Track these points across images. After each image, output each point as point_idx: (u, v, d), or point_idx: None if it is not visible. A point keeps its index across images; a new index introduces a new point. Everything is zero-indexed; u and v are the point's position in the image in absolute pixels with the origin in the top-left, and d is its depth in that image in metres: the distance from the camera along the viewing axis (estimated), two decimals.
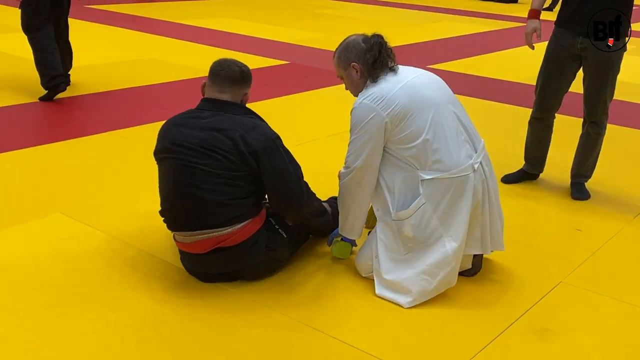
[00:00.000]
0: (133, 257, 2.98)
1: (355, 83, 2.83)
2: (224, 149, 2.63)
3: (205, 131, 2.67)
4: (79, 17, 9.68)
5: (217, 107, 2.75)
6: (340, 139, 2.81)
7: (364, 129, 2.68)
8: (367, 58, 2.74)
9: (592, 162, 3.89)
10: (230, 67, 2.80)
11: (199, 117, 2.74)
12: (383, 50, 2.76)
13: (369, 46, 2.76)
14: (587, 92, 3.72)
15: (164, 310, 2.61)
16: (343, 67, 2.83)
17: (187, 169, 2.66)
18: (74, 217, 3.35)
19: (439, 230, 2.69)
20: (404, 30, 10.21)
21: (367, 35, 2.82)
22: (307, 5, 12.77)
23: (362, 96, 2.73)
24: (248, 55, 7.44)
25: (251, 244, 2.72)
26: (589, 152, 3.85)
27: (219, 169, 2.63)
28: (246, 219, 2.71)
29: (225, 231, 2.68)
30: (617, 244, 3.35)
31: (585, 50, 3.60)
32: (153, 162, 2.85)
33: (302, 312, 2.62)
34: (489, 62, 7.86)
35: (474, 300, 2.77)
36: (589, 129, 3.81)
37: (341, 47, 2.83)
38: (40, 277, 2.80)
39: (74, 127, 4.83)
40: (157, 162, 2.84)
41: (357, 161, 2.72)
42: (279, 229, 2.83)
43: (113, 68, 6.74)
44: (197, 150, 2.65)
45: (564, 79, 3.75)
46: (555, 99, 3.82)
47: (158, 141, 2.82)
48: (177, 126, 2.76)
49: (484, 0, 14.80)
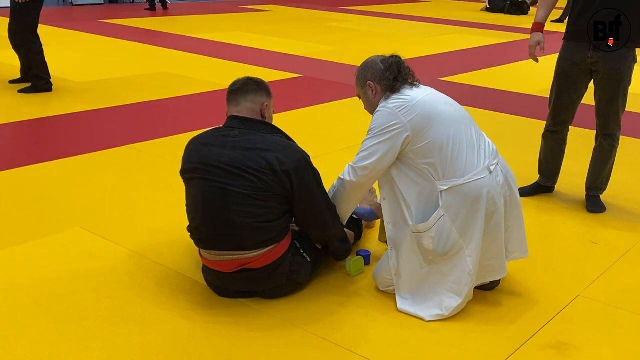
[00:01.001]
0: (154, 272, 3.00)
1: (371, 102, 2.87)
2: (257, 169, 2.61)
3: (237, 150, 2.65)
4: (91, 32, 9.80)
5: (246, 125, 2.73)
6: (353, 152, 2.82)
7: (383, 131, 2.69)
8: (387, 76, 2.78)
9: (606, 175, 3.89)
10: (241, 80, 2.83)
11: (228, 135, 2.72)
12: (402, 69, 2.81)
13: (387, 66, 2.81)
14: (599, 105, 3.73)
15: (190, 327, 2.61)
16: (360, 86, 2.89)
17: (218, 190, 2.63)
18: (93, 231, 3.38)
19: (460, 243, 2.70)
20: (416, 42, 10.25)
21: (385, 56, 2.87)
22: (320, 19, 12.84)
23: (385, 102, 2.76)
24: (261, 69, 7.50)
25: (276, 267, 2.71)
26: (603, 165, 3.85)
27: (250, 189, 2.61)
28: (274, 243, 2.70)
29: (253, 254, 2.67)
30: (635, 257, 3.34)
31: (596, 65, 3.61)
32: (169, 176, 2.87)
33: (325, 329, 2.63)
34: (500, 75, 7.87)
35: (492, 315, 2.78)
36: (603, 142, 3.82)
37: (360, 67, 2.90)
38: (61, 292, 2.82)
39: (89, 141, 4.88)
40: (184, 181, 2.81)
41: (367, 161, 2.72)
42: (304, 252, 2.81)
43: (127, 82, 6.80)
44: (228, 170, 2.62)
45: (576, 93, 3.76)
46: (568, 112, 3.84)
47: (185, 160, 2.79)
48: (207, 145, 2.73)
49: (495, 12, 14.83)
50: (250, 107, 2.78)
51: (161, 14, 12.85)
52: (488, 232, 2.72)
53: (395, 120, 2.68)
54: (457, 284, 2.72)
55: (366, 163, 2.72)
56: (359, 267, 3.04)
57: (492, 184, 2.71)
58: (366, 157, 2.72)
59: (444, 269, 2.73)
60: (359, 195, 2.89)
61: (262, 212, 2.64)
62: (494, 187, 2.72)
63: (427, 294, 2.74)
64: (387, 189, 2.81)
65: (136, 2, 14.39)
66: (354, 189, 2.82)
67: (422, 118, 2.68)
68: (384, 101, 2.78)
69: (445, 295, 2.72)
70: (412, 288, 2.77)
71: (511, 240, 2.86)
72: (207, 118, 5.43)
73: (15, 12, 5.84)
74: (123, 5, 14.14)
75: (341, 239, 2.92)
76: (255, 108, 2.79)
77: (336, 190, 2.86)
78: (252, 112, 2.78)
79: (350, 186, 2.80)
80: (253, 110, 2.78)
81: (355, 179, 2.76)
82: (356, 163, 2.75)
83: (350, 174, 2.77)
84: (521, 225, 2.90)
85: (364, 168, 2.73)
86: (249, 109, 2.78)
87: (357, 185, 2.79)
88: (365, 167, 2.73)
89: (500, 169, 2.80)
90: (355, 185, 2.79)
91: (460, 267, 2.71)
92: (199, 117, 5.59)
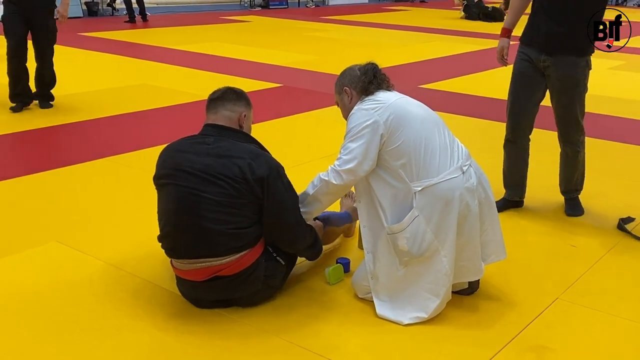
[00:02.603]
0: (131, 284, 2.97)
1: (347, 107, 2.90)
2: (230, 176, 2.60)
3: (211, 157, 2.65)
4: (70, 45, 9.75)
5: (221, 132, 2.74)
6: (333, 160, 2.82)
7: (361, 131, 2.70)
8: (363, 79, 2.84)
9: (579, 177, 3.87)
10: (221, 89, 2.84)
11: (203, 142, 2.72)
12: (377, 74, 2.87)
13: (363, 71, 2.88)
14: (557, 112, 3.71)
15: (164, 338, 2.59)
16: (338, 93, 2.94)
17: (191, 196, 2.62)
18: (70, 245, 3.34)
19: (435, 244, 2.70)
20: (395, 51, 10.30)
21: (362, 64, 2.93)
22: (300, 29, 12.88)
23: (359, 105, 2.79)
24: (241, 79, 7.49)
25: (249, 273, 2.69)
26: (573, 170, 3.82)
27: (223, 196, 2.60)
28: (245, 249, 2.68)
29: (223, 260, 2.65)
30: (613, 259, 3.36)
31: (548, 69, 3.59)
32: (147, 188, 2.85)
33: (301, 336, 2.61)
34: (480, 81, 7.93)
35: (470, 319, 2.77)
36: (566, 149, 3.79)
37: (339, 76, 2.96)
38: (38, 305, 2.79)
39: (67, 154, 4.85)
40: (157, 187, 2.80)
41: (351, 164, 2.71)
42: (277, 257, 2.80)
43: (105, 95, 6.77)
44: (201, 177, 2.62)
45: (533, 96, 3.70)
46: (526, 118, 3.76)
47: (159, 166, 2.78)
48: (181, 152, 2.73)
49: (474, 20, 14.94)
50: (227, 116, 2.78)
51: (141, 26, 12.84)
52: (462, 233, 2.73)
53: (371, 119, 2.70)
54: (434, 285, 2.72)
55: (350, 166, 2.72)
56: (338, 275, 3.03)
57: (465, 185, 2.72)
58: (349, 160, 2.72)
59: (420, 269, 2.73)
60: (341, 194, 2.93)
61: (234, 220, 2.63)
62: (468, 189, 2.73)
63: (404, 295, 2.74)
64: (363, 192, 2.82)
65: (116, 14, 14.35)
66: (338, 191, 2.84)
67: (395, 118, 2.70)
68: (358, 104, 2.81)
69: (423, 297, 2.72)
70: (389, 291, 2.77)
71: (488, 243, 2.87)
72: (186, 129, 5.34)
73: (49, 30, 5.87)
74: (102, 18, 14.10)
75: (311, 245, 2.91)
76: (232, 117, 2.79)
77: (317, 189, 2.84)
78: (229, 121, 2.78)
79: (335, 188, 2.80)
80: (230, 119, 2.78)
81: (341, 182, 2.76)
82: (341, 166, 2.74)
83: (335, 178, 2.76)
84: (497, 227, 2.91)
85: (349, 171, 2.73)
86: (227, 117, 2.78)
87: (343, 187, 2.80)
88: (349, 170, 2.72)
89: (474, 171, 2.81)
90: (340, 187, 2.80)
91: (436, 268, 2.71)
92: (178, 128, 5.55)
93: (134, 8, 13.05)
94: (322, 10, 17.64)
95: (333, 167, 2.77)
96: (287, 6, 17.66)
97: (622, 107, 6.54)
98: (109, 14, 14.56)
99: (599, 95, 6.66)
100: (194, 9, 16.44)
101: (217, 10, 16.13)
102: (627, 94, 7.34)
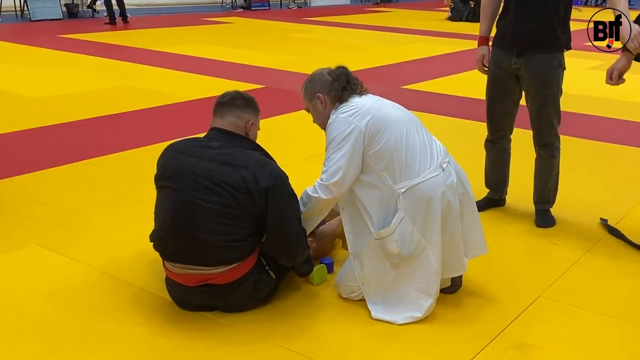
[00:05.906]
0: (113, 287, 2.95)
1: (321, 114, 2.87)
2: (232, 184, 2.56)
3: (214, 163, 2.60)
4: (51, 47, 9.67)
5: (227, 138, 2.70)
6: (316, 161, 2.82)
7: (343, 141, 2.68)
8: (336, 86, 2.81)
9: (552, 186, 3.77)
10: (231, 94, 2.80)
11: (207, 146, 2.67)
12: (350, 79, 2.84)
13: (334, 77, 2.83)
14: (531, 113, 3.67)
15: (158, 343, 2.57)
16: (309, 99, 2.90)
17: (188, 204, 2.58)
18: (51, 248, 3.31)
19: (422, 242, 2.71)
20: (377, 52, 10.32)
21: (331, 68, 2.89)
22: (283, 30, 12.86)
23: (336, 113, 2.77)
24: (223, 80, 7.46)
25: (239, 284, 2.66)
26: (547, 176, 3.74)
27: (221, 206, 2.56)
28: (238, 261, 2.65)
29: (215, 270, 2.62)
30: (595, 256, 3.38)
31: (520, 70, 3.58)
32: (127, 190, 2.83)
33: (292, 339, 2.60)
34: (461, 81, 7.96)
35: (453, 317, 2.78)
36: (541, 152, 3.73)
37: (307, 80, 2.91)
38: (20, 310, 2.75)
39: (46, 157, 4.79)
40: (156, 188, 2.76)
41: (336, 176, 2.68)
42: (269, 270, 2.76)
43: (86, 96, 6.71)
44: (202, 183, 2.57)
45: (509, 99, 3.69)
46: (505, 120, 3.76)
47: (161, 167, 2.74)
48: (184, 154, 2.68)
49: (455, 21, 15.01)
50: (234, 122, 2.75)
51: (122, 28, 12.74)
52: (445, 231, 2.74)
53: (351, 126, 2.68)
54: (425, 284, 2.73)
55: (336, 179, 2.69)
56: (322, 275, 3.03)
57: (446, 183, 2.73)
58: (335, 173, 2.69)
59: (410, 269, 2.74)
60: (331, 207, 2.88)
61: (230, 231, 2.60)
62: (449, 186, 2.74)
63: (396, 296, 2.75)
64: (346, 198, 2.80)
65: (96, 16, 14.24)
66: (328, 204, 2.81)
67: (375, 122, 2.69)
68: (334, 112, 2.78)
69: (415, 296, 2.73)
70: (381, 294, 2.78)
71: (469, 238, 2.88)
72: (168, 131, 5.38)
73: None
74: (83, 20, 13.97)
75: (307, 259, 2.88)
76: (239, 124, 2.75)
77: (309, 208, 2.81)
78: (235, 128, 2.75)
79: (326, 202, 2.78)
80: (237, 126, 2.75)
81: (331, 196, 2.74)
82: (327, 180, 2.71)
83: (325, 193, 2.72)
84: (477, 222, 2.92)
85: (336, 184, 2.70)
86: (233, 123, 2.75)
87: (333, 199, 2.77)
88: (336, 182, 2.70)
89: (452, 167, 2.82)
90: (331, 200, 2.77)
91: (426, 267, 2.72)
92: (160, 130, 5.54)
93: (114, 9, 12.95)
94: (304, 11, 17.62)
95: (320, 182, 2.73)
96: (269, 7, 17.63)
97: (603, 107, 6.59)
98: (89, 15, 14.43)
99: (579, 94, 6.72)
100: (175, 10, 16.36)
101: (199, 12, 16.06)
102: (606, 94, 7.40)
